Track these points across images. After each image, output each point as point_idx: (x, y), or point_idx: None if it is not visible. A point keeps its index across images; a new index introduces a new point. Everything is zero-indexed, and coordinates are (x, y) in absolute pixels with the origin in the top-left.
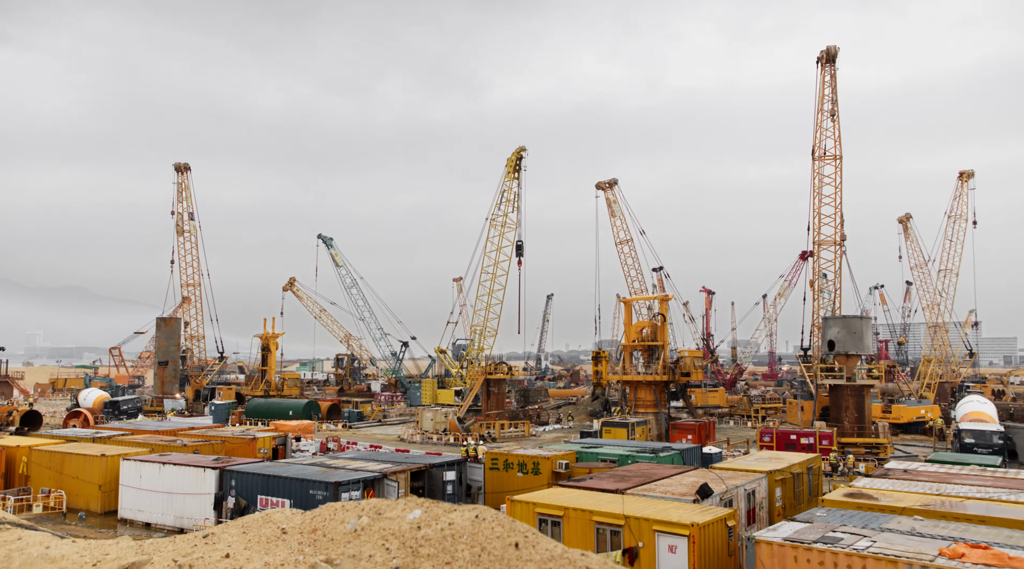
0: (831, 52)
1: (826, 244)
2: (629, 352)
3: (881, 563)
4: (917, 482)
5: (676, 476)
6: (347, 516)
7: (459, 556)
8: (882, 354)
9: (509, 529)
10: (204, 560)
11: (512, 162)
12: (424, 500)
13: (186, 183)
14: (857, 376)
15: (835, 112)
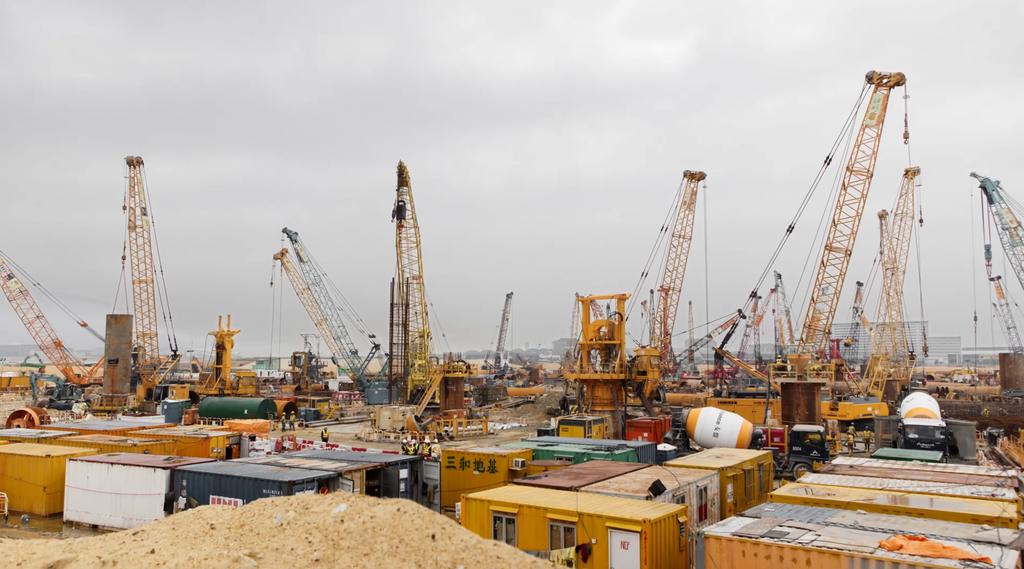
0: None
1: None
2: (587, 351)
3: (824, 556)
4: (862, 477)
5: (630, 473)
6: (275, 511)
7: (377, 547)
8: (833, 353)
9: (428, 521)
10: (129, 556)
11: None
12: (352, 495)
13: (138, 177)
14: (808, 375)
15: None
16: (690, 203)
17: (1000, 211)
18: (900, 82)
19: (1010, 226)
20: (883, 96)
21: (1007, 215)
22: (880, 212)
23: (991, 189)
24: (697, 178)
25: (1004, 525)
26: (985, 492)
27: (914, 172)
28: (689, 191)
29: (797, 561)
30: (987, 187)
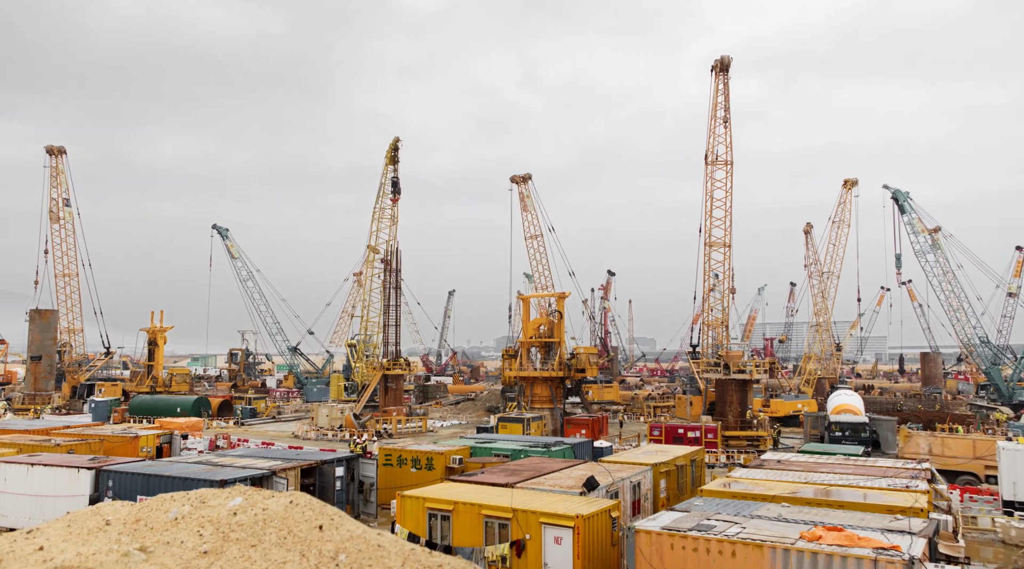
0: (725, 62)
1: (716, 246)
2: (526, 348)
3: (748, 547)
4: (788, 471)
5: (565, 470)
6: (172, 506)
7: (266, 538)
8: (767, 351)
9: (319, 513)
10: (15, 553)
11: (389, 153)
12: (249, 489)
13: (60, 167)
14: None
15: (728, 119)
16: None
17: (912, 221)
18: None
19: (922, 234)
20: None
21: (919, 224)
22: (805, 227)
23: (902, 200)
24: None
25: (916, 515)
26: (900, 484)
27: (852, 182)
28: None
29: (723, 553)
30: (898, 198)
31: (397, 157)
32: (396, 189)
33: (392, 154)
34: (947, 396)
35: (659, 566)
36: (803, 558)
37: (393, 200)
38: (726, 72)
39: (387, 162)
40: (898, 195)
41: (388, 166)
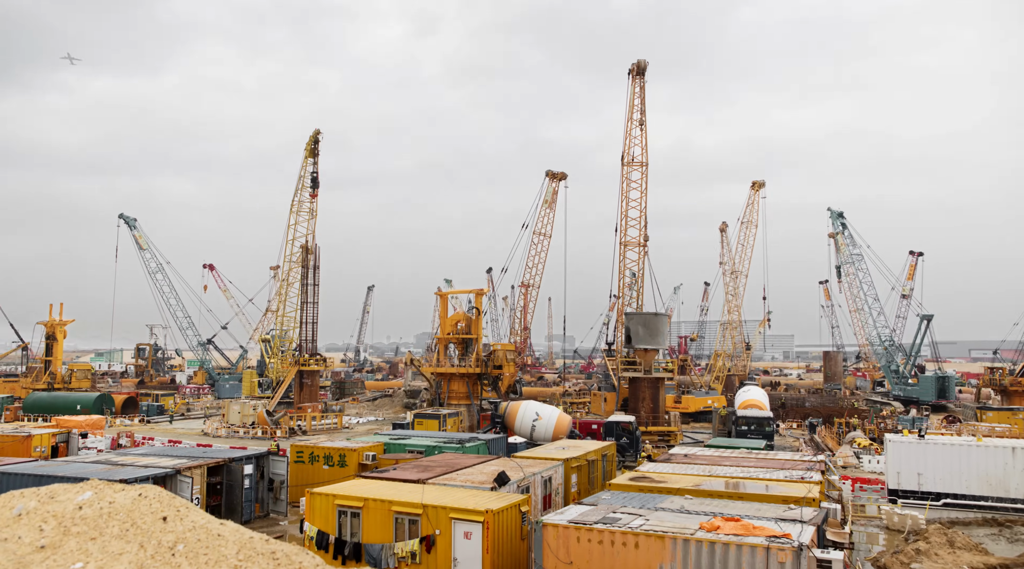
0: (641, 66)
1: (631, 245)
2: (444, 345)
3: (651, 538)
4: (694, 465)
5: (478, 465)
6: (19, 502)
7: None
8: (681, 348)
9: (167, 505)
10: None
11: (308, 146)
12: (101, 482)
13: None
14: (654, 369)
15: (643, 122)
16: (551, 202)
17: (844, 237)
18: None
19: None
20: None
21: (846, 245)
22: (721, 225)
23: (835, 218)
24: (559, 178)
25: (808, 504)
26: (796, 475)
27: (759, 184)
28: (551, 190)
29: (627, 545)
30: (832, 217)
31: (317, 150)
32: (315, 184)
33: (312, 147)
34: (846, 392)
35: (566, 559)
36: (701, 548)
37: (312, 195)
38: (642, 75)
39: (307, 155)
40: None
41: (308, 159)
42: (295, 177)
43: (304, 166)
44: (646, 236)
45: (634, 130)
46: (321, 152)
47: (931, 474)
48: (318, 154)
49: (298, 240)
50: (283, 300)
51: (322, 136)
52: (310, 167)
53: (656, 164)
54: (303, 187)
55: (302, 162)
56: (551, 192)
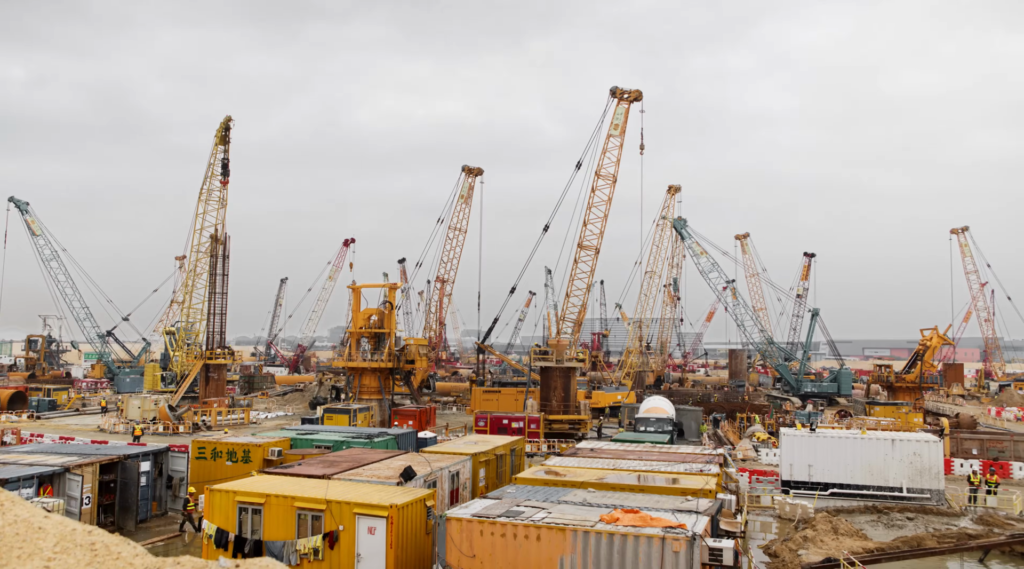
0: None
1: (587, 249)
2: (356, 339)
3: (552, 531)
4: (599, 459)
5: (386, 460)
6: None
7: None
8: (594, 344)
9: None
10: None
11: (219, 132)
12: None
13: None
14: (565, 360)
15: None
16: (467, 197)
17: (691, 245)
18: (638, 98)
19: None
20: (625, 109)
21: (697, 247)
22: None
23: (680, 228)
24: (475, 174)
25: (705, 496)
26: (695, 468)
27: (675, 189)
28: (467, 186)
29: (529, 537)
30: (677, 226)
31: (228, 137)
32: (226, 171)
33: (223, 134)
34: (750, 388)
35: (468, 552)
36: (600, 539)
37: (223, 182)
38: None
39: (217, 142)
40: (676, 224)
41: (218, 146)
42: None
43: (214, 153)
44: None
45: (611, 144)
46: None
47: (821, 465)
48: (229, 141)
49: (207, 229)
50: (190, 291)
51: (233, 123)
52: (220, 154)
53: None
54: (213, 174)
55: (212, 149)
56: (467, 187)
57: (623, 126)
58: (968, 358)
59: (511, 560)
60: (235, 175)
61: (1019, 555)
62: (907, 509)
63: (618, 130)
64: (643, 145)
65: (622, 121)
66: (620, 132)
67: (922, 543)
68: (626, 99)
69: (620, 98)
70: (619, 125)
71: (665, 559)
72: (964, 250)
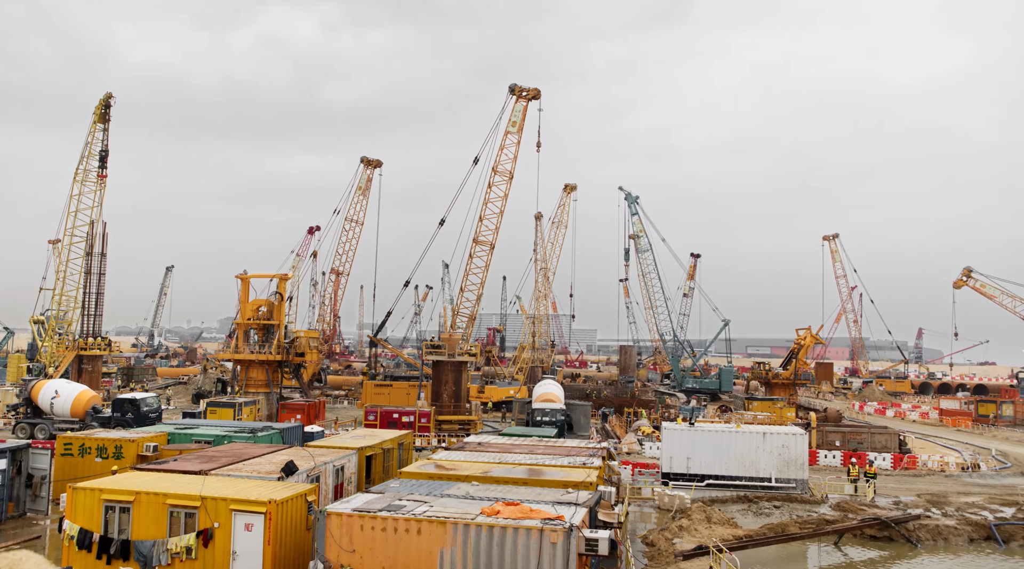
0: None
1: (483, 244)
2: (244, 330)
3: (432, 524)
4: (486, 453)
5: (268, 455)
6: None
7: None
8: (489, 340)
9: None
10: None
11: (98, 110)
12: None
13: None
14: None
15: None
16: (365, 189)
17: (633, 221)
18: (536, 96)
19: (638, 235)
20: (523, 107)
21: (637, 225)
22: (536, 213)
23: (631, 201)
24: (374, 165)
25: (586, 488)
26: (579, 461)
27: (571, 187)
28: (365, 177)
29: (409, 531)
30: (629, 200)
31: (108, 115)
32: (103, 164)
33: (102, 111)
34: (638, 384)
35: (348, 547)
36: (480, 532)
37: (100, 176)
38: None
39: (95, 120)
40: (629, 197)
41: (96, 125)
42: None
43: (92, 132)
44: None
45: (508, 141)
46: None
47: (698, 458)
48: (109, 119)
49: (83, 212)
50: (62, 277)
51: (114, 100)
52: (99, 133)
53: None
54: (90, 154)
55: (90, 127)
56: (365, 179)
57: (521, 124)
58: (839, 356)
59: (391, 554)
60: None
61: (869, 537)
62: (775, 498)
63: (516, 127)
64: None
65: (520, 119)
66: (518, 129)
67: (786, 529)
68: (524, 97)
69: (519, 96)
70: (517, 122)
71: (543, 550)
72: (835, 256)
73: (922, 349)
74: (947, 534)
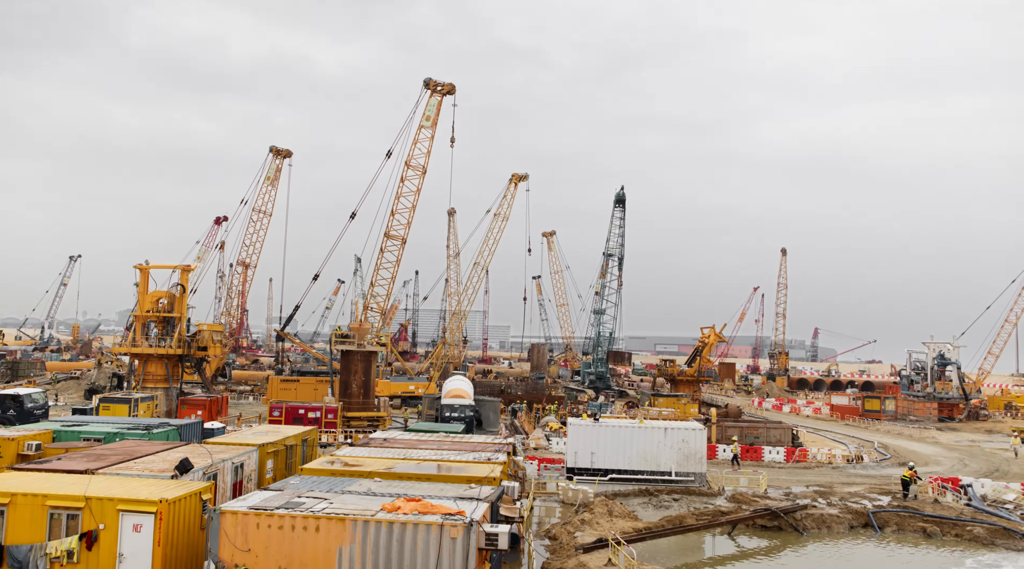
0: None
1: (394, 238)
2: (143, 323)
3: (332, 521)
4: (391, 449)
5: (163, 453)
6: None
7: None
8: (401, 335)
9: None
10: None
11: None
12: None
13: None
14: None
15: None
16: (274, 179)
17: None
18: (451, 91)
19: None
20: (437, 102)
21: None
22: (449, 209)
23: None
24: (284, 155)
25: (489, 483)
26: (484, 457)
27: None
28: (274, 167)
29: (307, 529)
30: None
31: None
32: None
33: None
34: (548, 380)
35: (243, 546)
36: (380, 528)
37: None
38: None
39: None
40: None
41: None
42: None
43: None
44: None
45: (422, 135)
46: None
47: (602, 453)
48: None
49: None
50: None
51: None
52: None
53: None
54: None
55: None
56: (274, 169)
57: (435, 118)
58: (743, 355)
59: (287, 553)
60: None
61: (760, 527)
62: (674, 491)
63: (430, 122)
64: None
65: (434, 113)
66: (432, 124)
67: (683, 521)
68: (439, 92)
69: (433, 90)
70: (431, 117)
71: (443, 545)
72: None
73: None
74: (831, 522)
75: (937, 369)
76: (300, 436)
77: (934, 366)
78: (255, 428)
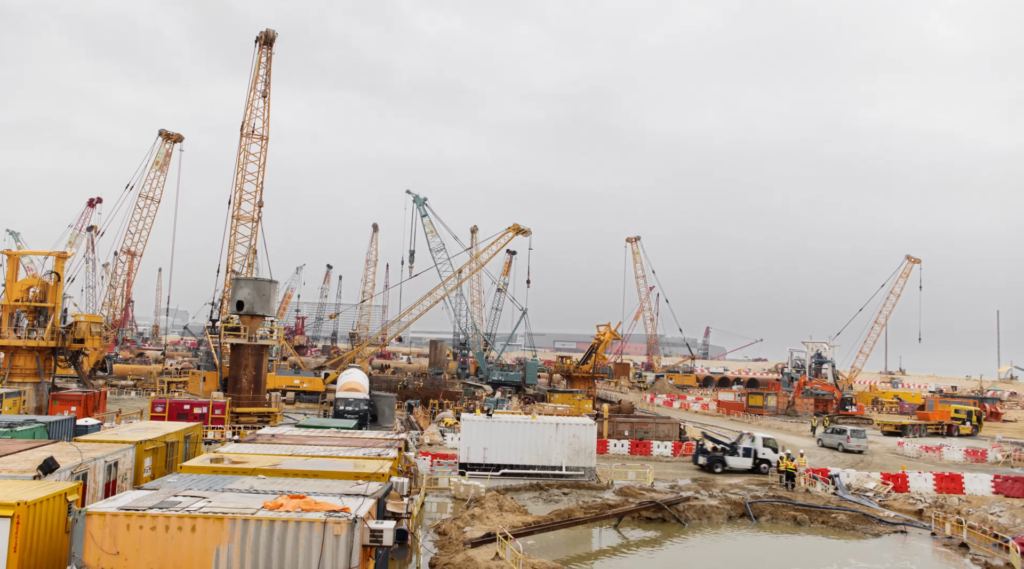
0: (269, 35)
1: (244, 220)
2: (11, 313)
3: (209, 521)
4: (279, 445)
5: (26, 451)
6: None
7: None
8: (299, 329)
9: None
10: None
11: None
12: None
13: None
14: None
15: (267, 94)
16: (163, 164)
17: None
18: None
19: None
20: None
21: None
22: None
23: (419, 204)
24: (174, 139)
25: (378, 479)
26: (375, 453)
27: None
28: (163, 152)
29: (182, 529)
30: (417, 201)
31: None
32: None
33: None
34: (447, 376)
35: (111, 549)
36: (261, 527)
37: None
38: (270, 47)
39: None
40: (417, 199)
41: None
42: None
43: None
44: (261, 201)
45: (256, 100)
46: None
47: (495, 448)
48: None
49: None
50: None
51: None
52: None
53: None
54: None
55: None
56: (164, 154)
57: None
58: (638, 352)
59: (160, 555)
60: None
61: (645, 519)
62: (564, 485)
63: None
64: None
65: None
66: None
67: (572, 514)
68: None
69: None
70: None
71: (326, 543)
72: (636, 258)
73: (708, 346)
74: (711, 513)
75: (815, 367)
76: (183, 432)
77: (812, 364)
78: (135, 424)
